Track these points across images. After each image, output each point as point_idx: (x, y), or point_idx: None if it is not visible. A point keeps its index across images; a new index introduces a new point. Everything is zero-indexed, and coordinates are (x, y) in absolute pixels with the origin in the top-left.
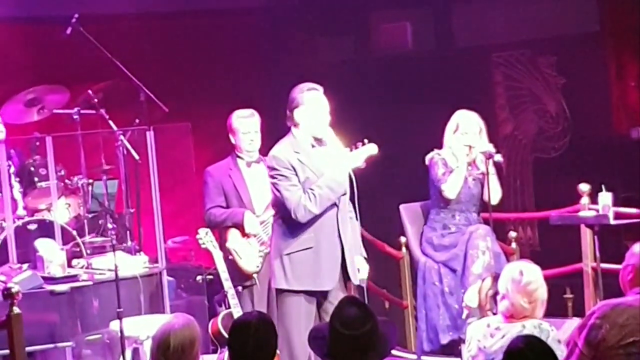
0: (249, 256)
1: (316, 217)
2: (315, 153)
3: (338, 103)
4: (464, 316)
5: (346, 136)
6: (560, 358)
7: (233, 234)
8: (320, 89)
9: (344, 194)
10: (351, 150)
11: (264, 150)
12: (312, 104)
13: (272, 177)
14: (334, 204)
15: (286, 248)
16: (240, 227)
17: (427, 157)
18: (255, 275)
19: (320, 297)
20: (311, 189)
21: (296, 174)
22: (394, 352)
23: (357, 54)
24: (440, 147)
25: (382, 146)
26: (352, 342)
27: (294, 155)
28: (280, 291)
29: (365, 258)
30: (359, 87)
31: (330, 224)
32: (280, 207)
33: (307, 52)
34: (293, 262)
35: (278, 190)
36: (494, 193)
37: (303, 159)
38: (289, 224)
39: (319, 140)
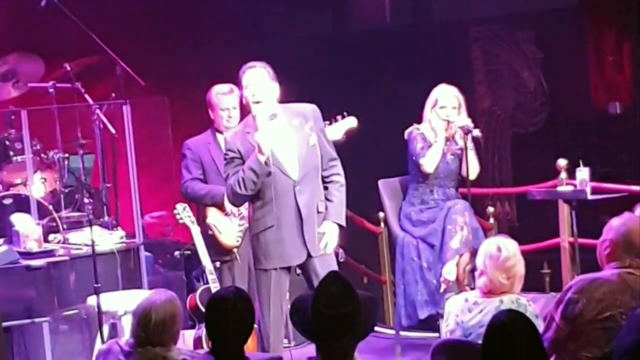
0: (228, 231)
1: (274, 194)
2: (269, 129)
3: (316, 78)
4: (441, 290)
5: (325, 111)
6: None
7: (213, 211)
8: (258, 64)
9: (269, 175)
10: (330, 123)
11: None
12: (248, 82)
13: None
14: (290, 179)
15: (253, 229)
16: (220, 206)
17: (406, 132)
18: (235, 250)
19: (293, 271)
20: (237, 171)
21: (241, 157)
22: None
23: (335, 28)
24: (419, 121)
25: (360, 121)
26: (333, 322)
27: (243, 136)
28: (255, 269)
29: (341, 225)
30: (337, 62)
31: (287, 199)
32: None
33: (285, 27)
34: (259, 242)
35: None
36: (472, 168)
37: (251, 138)
38: (253, 205)
39: (272, 115)
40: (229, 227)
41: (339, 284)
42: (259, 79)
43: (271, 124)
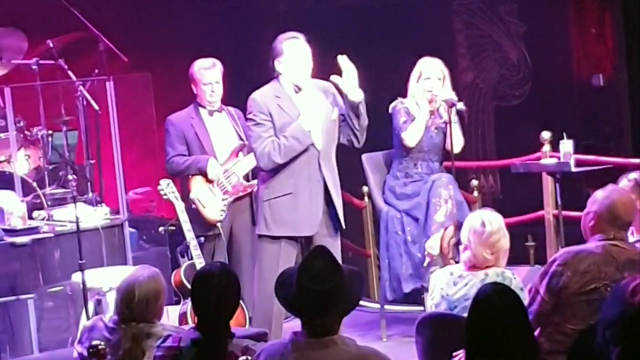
0: (212, 205)
1: (295, 163)
2: (297, 99)
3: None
4: (425, 264)
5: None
6: None
7: (196, 182)
8: (301, 37)
9: (312, 143)
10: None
11: (224, 99)
12: (290, 52)
13: (247, 120)
14: (315, 149)
15: (267, 194)
16: (203, 174)
17: (391, 106)
18: (219, 224)
19: (304, 243)
20: (278, 138)
21: (272, 120)
22: None
23: (317, 1)
24: (403, 96)
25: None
26: (317, 297)
27: (273, 100)
28: (259, 236)
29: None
30: (320, 35)
31: (310, 169)
32: None
33: (269, 0)
34: (273, 208)
35: (251, 137)
36: (456, 142)
37: (283, 105)
38: (269, 170)
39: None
40: (212, 201)
41: (324, 259)
42: (306, 51)
43: (308, 96)
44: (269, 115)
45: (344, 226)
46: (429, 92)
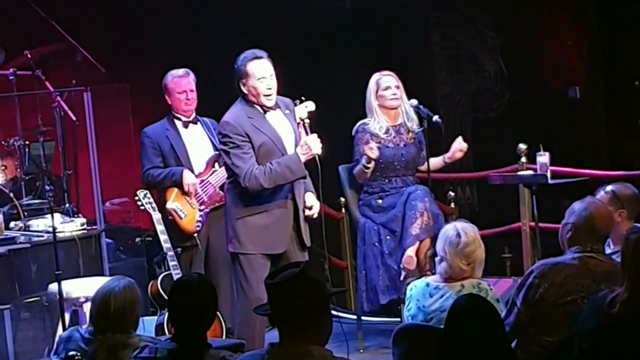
0: (189, 216)
1: None
2: (269, 117)
3: (276, 62)
4: (402, 278)
5: (284, 96)
6: None
7: (173, 194)
8: (264, 55)
9: (304, 178)
10: None
11: (200, 109)
12: (255, 73)
13: (223, 143)
14: None
15: (239, 212)
16: (179, 186)
17: (354, 129)
18: (195, 235)
19: (274, 260)
20: (270, 164)
21: (250, 141)
22: (333, 312)
23: (293, 11)
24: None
25: (320, 106)
26: (281, 291)
27: (247, 121)
28: (233, 253)
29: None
30: (295, 45)
31: (283, 187)
32: (232, 173)
33: (243, 10)
34: (246, 226)
35: (229, 158)
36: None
37: (257, 124)
38: (241, 187)
39: (269, 107)
40: (189, 212)
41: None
42: (270, 72)
43: (274, 113)
44: (246, 136)
45: (308, 243)
46: (392, 98)
